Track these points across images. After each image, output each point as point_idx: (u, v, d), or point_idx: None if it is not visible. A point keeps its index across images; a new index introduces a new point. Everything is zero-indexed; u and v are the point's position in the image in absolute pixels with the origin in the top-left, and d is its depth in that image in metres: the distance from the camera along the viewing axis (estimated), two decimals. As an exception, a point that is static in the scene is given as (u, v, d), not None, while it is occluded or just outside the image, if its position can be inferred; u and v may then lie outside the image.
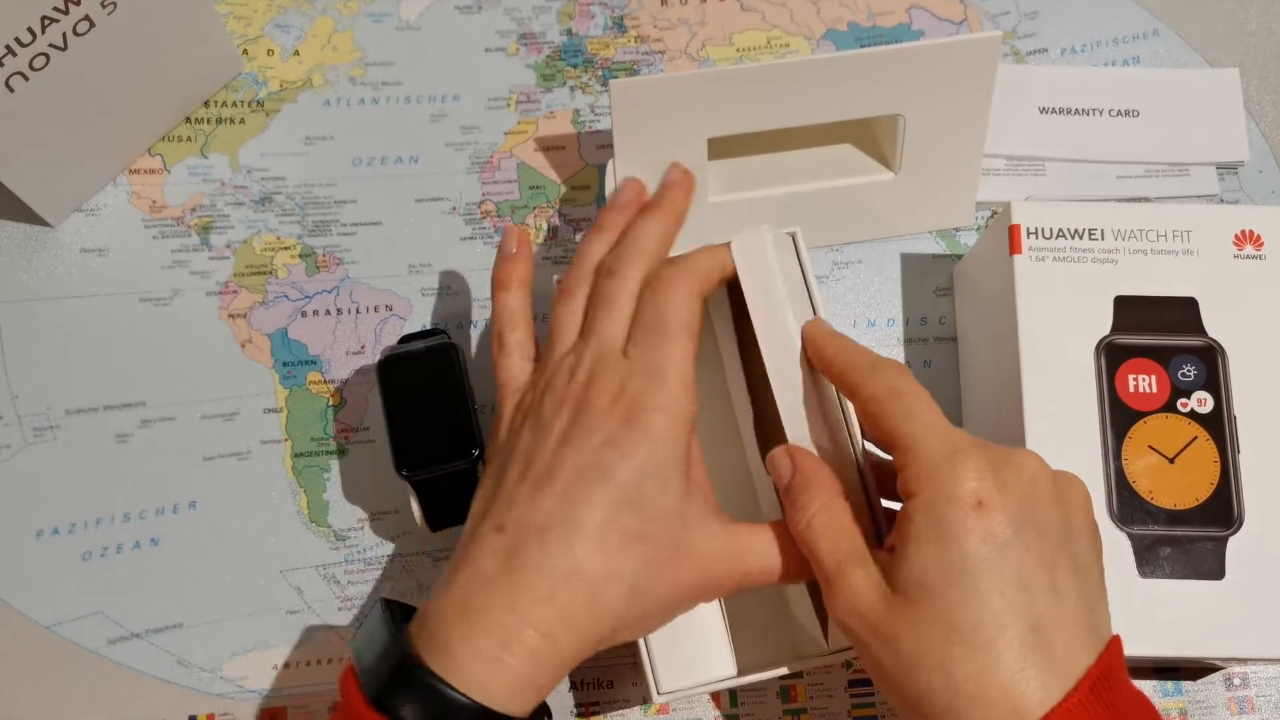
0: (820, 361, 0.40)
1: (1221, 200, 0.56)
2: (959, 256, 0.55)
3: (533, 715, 0.36)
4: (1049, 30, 0.59)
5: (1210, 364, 0.44)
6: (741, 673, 0.41)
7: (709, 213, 0.52)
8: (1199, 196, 0.56)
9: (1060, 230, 0.46)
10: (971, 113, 0.51)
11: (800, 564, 0.39)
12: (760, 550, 0.39)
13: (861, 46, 0.58)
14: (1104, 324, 0.45)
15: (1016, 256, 0.45)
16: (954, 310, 0.54)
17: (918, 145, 0.52)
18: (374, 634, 0.36)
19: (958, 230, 0.55)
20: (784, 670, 0.41)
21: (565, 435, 0.38)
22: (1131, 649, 0.41)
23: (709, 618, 0.42)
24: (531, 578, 0.35)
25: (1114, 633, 0.35)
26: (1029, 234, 0.45)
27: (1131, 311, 0.45)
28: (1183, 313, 0.45)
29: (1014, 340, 0.44)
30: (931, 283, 0.54)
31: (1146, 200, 0.55)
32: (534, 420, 0.39)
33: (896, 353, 0.53)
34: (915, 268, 0.55)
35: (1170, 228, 0.46)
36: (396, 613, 0.37)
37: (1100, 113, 0.57)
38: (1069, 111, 0.57)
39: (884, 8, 0.59)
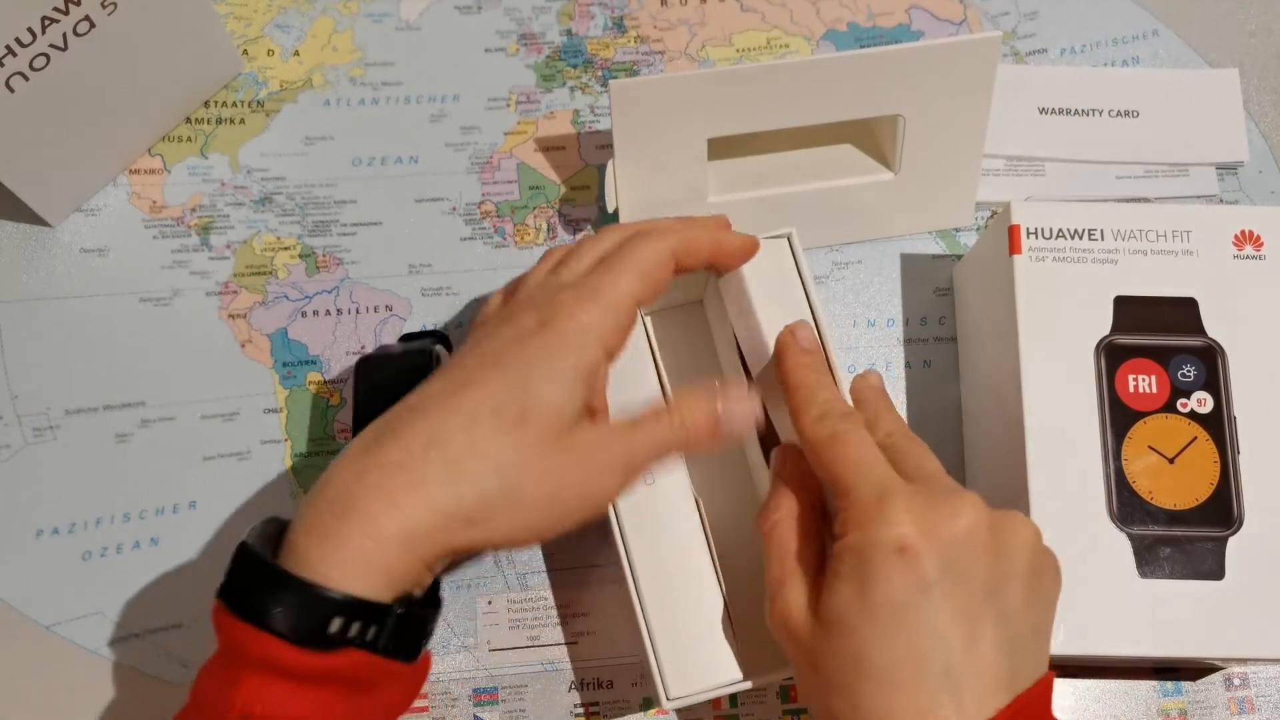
0: (784, 386, 0.41)
1: (1221, 200, 0.56)
2: (959, 257, 0.55)
3: (413, 605, 0.35)
4: (1049, 30, 0.59)
5: (1210, 364, 0.44)
6: (748, 676, 0.41)
7: (709, 213, 0.52)
8: (1199, 197, 0.56)
9: (1060, 230, 0.46)
10: (971, 113, 0.51)
11: (702, 435, 0.38)
12: (649, 436, 0.37)
13: (861, 47, 0.58)
14: (1104, 324, 0.45)
15: (1016, 257, 0.45)
16: (954, 310, 0.54)
17: (917, 145, 0.52)
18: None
19: (958, 230, 0.55)
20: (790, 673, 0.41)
21: (480, 339, 0.38)
22: (1131, 649, 0.41)
23: (715, 622, 0.42)
24: (388, 447, 0.34)
25: (1044, 673, 0.35)
26: (1029, 234, 0.46)
27: (1131, 312, 0.45)
28: (1182, 313, 0.45)
29: (1014, 340, 0.44)
30: (931, 283, 0.54)
31: (1146, 200, 0.55)
32: (470, 339, 0.39)
33: (897, 353, 0.53)
34: (915, 268, 0.55)
35: (1170, 228, 0.46)
36: (273, 523, 0.36)
37: (1100, 113, 0.57)
38: (1069, 112, 0.57)
39: (884, 8, 0.59)
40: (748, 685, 0.41)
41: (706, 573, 0.43)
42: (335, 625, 0.33)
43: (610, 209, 0.51)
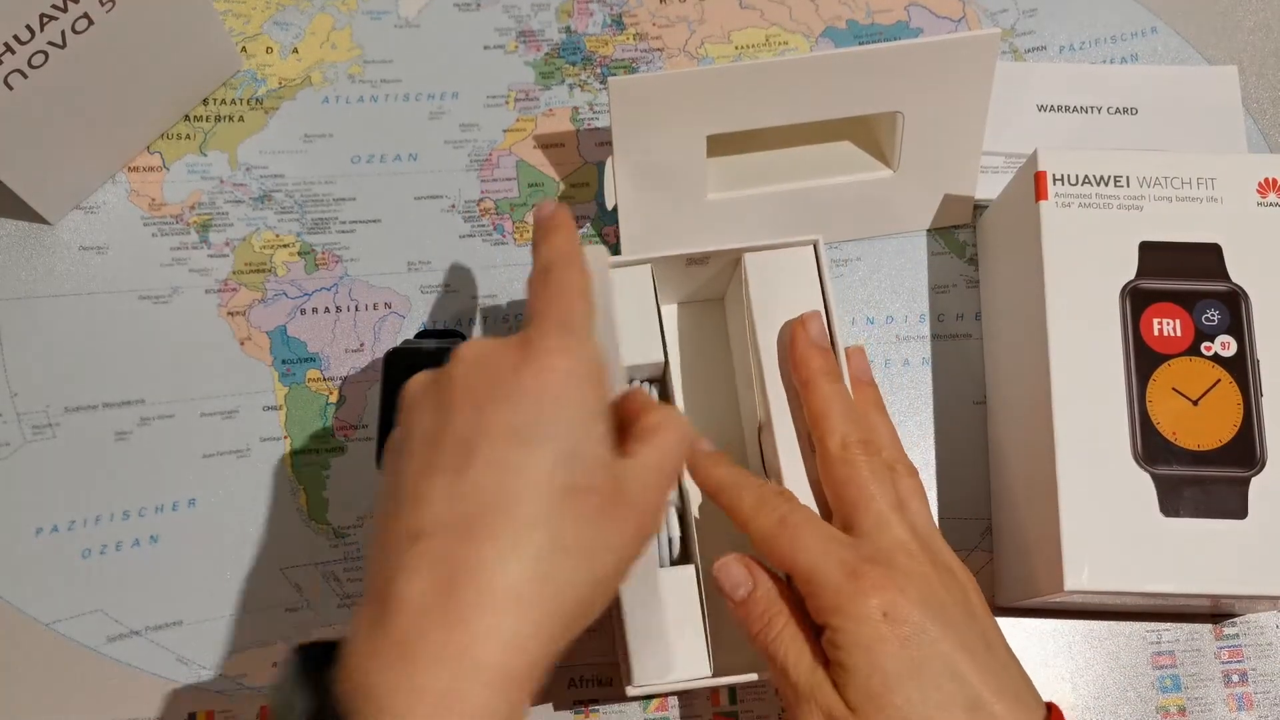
0: (706, 491, 0.42)
1: (1220, 197, 0.56)
2: (958, 254, 0.55)
3: None
4: (1047, 27, 0.59)
5: (1234, 309, 0.45)
6: (717, 674, 0.42)
7: (708, 210, 0.52)
8: (1197, 193, 0.56)
9: (1086, 177, 0.46)
10: (970, 110, 0.51)
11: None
12: (671, 450, 0.34)
13: (860, 44, 0.58)
14: (1129, 269, 0.45)
15: (1042, 203, 0.46)
16: (953, 308, 0.54)
17: (916, 142, 0.52)
18: (290, 695, 0.30)
19: (956, 228, 0.55)
20: (756, 676, 0.42)
21: (464, 401, 0.32)
22: (1154, 585, 0.42)
23: (689, 618, 0.42)
24: (467, 588, 0.29)
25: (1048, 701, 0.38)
26: (1055, 180, 0.46)
27: (1156, 257, 0.45)
28: (1207, 259, 0.45)
29: (1039, 285, 0.45)
30: (930, 280, 0.54)
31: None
32: (435, 395, 0.33)
33: (895, 350, 0.53)
34: (914, 265, 0.55)
35: (1195, 175, 0.46)
36: (313, 659, 0.31)
37: (1099, 110, 0.57)
38: (1067, 109, 0.57)
39: (882, 5, 0.59)
40: (716, 682, 0.42)
41: (687, 572, 0.43)
42: None
43: (609, 206, 0.51)
